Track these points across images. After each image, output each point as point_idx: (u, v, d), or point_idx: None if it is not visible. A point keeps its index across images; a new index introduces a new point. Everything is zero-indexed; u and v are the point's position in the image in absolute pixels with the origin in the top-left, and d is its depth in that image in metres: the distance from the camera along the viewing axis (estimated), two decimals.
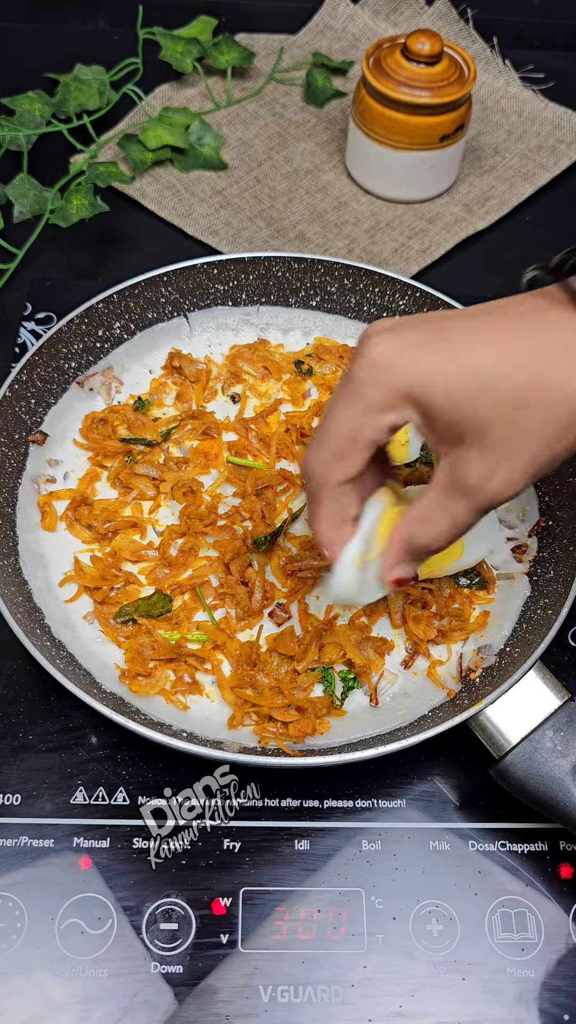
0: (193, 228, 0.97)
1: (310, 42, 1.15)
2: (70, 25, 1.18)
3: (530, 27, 1.21)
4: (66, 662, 0.64)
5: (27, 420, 0.75)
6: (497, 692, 0.61)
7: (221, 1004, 0.57)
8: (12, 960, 0.58)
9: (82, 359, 0.79)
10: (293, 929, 0.60)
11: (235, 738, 0.63)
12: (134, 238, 0.98)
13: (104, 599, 0.69)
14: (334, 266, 0.83)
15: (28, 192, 0.95)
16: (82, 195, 0.93)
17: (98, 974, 0.58)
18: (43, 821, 0.63)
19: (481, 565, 0.72)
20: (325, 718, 0.65)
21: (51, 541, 0.72)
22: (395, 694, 0.67)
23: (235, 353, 0.83)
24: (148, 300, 0.81)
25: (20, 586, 0.67)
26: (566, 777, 0.58)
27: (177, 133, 1.01)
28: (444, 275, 0.95)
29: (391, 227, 0.99)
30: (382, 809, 0.64)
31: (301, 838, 0.63)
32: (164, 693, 0.65)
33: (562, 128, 1.07)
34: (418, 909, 0.61)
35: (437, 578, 0.71)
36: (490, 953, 0.60)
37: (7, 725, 0.67)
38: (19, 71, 1.10)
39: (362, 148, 0.98)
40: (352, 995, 0.58)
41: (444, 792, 0.65)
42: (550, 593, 0.68)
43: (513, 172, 1.04)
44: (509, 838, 0.64)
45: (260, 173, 1.02)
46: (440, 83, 0.91)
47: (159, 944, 0.59)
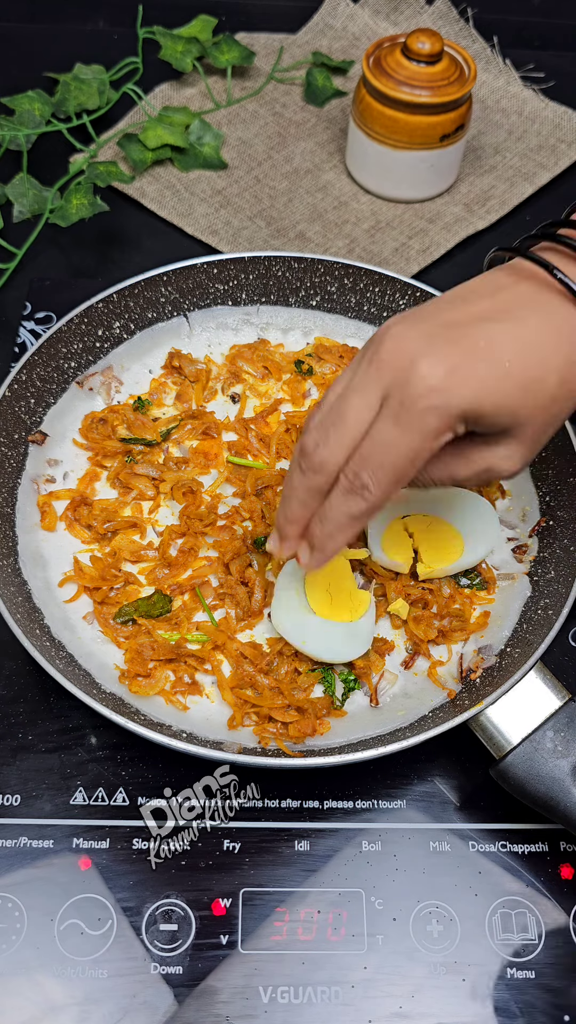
0: (193, 228, 0.97)
1: (310, 41, 1.15)
2: (70, 24, 1.18)
3: (530, 26, 1.21)
4: (66, 662, 0.64)
5: (27, 420, 0.75)
6: (497, 692, 0.61)
7: (221, 1005, 0.57)
8: (12, 961, 0.58)
9: (82, 359, 0.79)
10: (293, 930, 0.60)
11: (235, 739, 0.63)
12: (134, 238, 0.97)
13: (104, 599, 0.69)
14: (334, 266, 0.83)
15: (28, 192, 0.95)
16: (82, 195, 0.93)
17: (98, 975, 0.58)
18: (43, 822, 0.63)
19: (481, 565, 0.72)
20: (325, 719, 0.65)
21: (51, 541, 0.72)
22: (395, 694, 0.67)
23: (235, 353, 0.83)
24: (148, 300, 0.81)
25: (20, 586, 0.67)
26: (566, 778, 0.58)
27: (177, 132, 1.01)
28: (444, 275, 0.95)
29: (391, 227, 0.98)
30: (382, 810, 0.64)
31: (301, 839, 0.63)
32: (164, 694, 0.65)
33: (562, 128, 1.07)
34: (418, 910, 0.61)
35: (437, 578, 0.71)
36: (490, 954, 0.59)
37: (7, 725, 0.67)
38: (19, 70, 1.09)
39: (362, 147, 0.98)
40: (352, 996, 0.58)
41: (444, 793, 0.65)
42: (551, 593, 0.68)
43: (513, 172, 1.04)
44: (509, 839, 0.63)
45: (260, 172, 1.02)
46: (440, 82, 0.91)
47: (159, 945, 0.59)
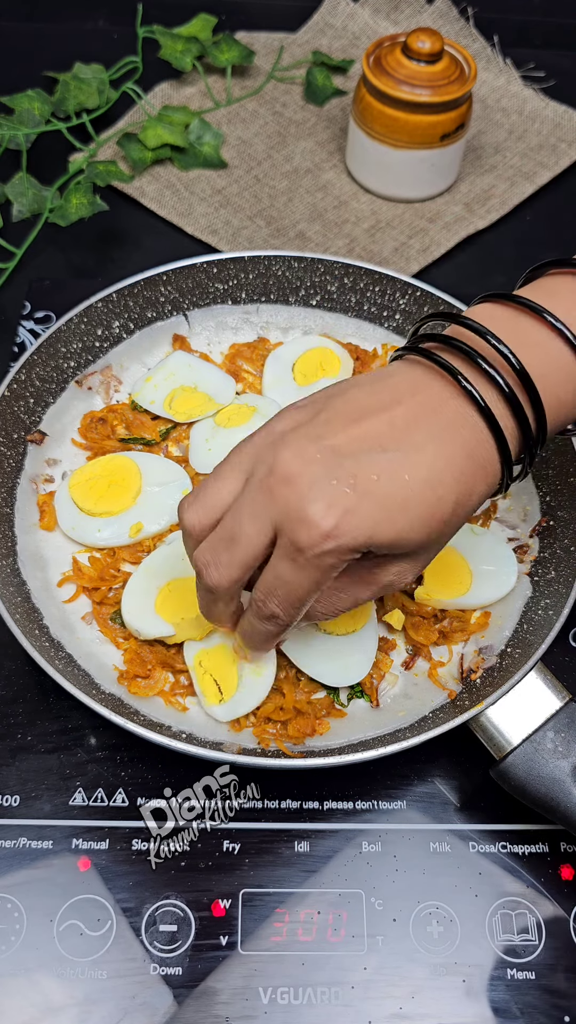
0: (193, 227, 0.97)
1: (310, 40, 1.14)
2: (69, 23, 1.17)
3: (531, 26, 1.20)
4: (65, 663, 0.64)
5: (26, 419, 0.75)
6: (498, 693, 0.61)
7: (221, 1006, 0.57)
8: (11, 962, 0.58)
9: (81, 358, 0.79)
10: (293, 931, 0.60)
11: (235, 739, 0.63)
12: (133, 237, 0.97)
13: (103, 600, 0.69)
14: (334, 265, 0.82)
15: (27, 191, 0.95)
16: (81, 194, 0.93)
17: (97, 976, 0.58)
18: (42, 822, 0.62)
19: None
20: (325, 719, 0.65)
21: (50, 541, 0.72)
22: (396, 695, 0.67)
23: (235, 352, 0.83)
24: (147, 299, 0.81)
25: (18, 586, 0.67)
26: (567, 778, 0.58)
27: (177, 132, 1.01)
28: (445, 274, 0.95)
29: (391, 226, 0.98)
30: (382, 810, 0.64)
31: (301, 840, 0.63)
32: (163, 694, 0.65)
33: (563, 127, 1.07)
34: (418, 911, 0.61)
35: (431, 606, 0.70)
36: (491, 955, 0.59)
37: (5, 726, 0.66)
38: (18, 70, 1.09)
39: (362, 147, 0.97)
40: (352, 997, 0.58)
41: (444, 793, 0.65)
42: (551, 594, 0.68)
43: (514, 171, 1.03)
44: (510, 839, 0.63)
45: (260, 172, 1.02)
46: (441, 82, 0.91)
47: (158, 946, 0.59)
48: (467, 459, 0.51)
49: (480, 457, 0.51)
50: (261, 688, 0.64)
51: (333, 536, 0.48)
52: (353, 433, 0.50)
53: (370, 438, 0.50)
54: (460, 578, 0.69)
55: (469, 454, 0.51)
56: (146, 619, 0.66)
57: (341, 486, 0.48)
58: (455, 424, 0.51)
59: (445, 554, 0.70)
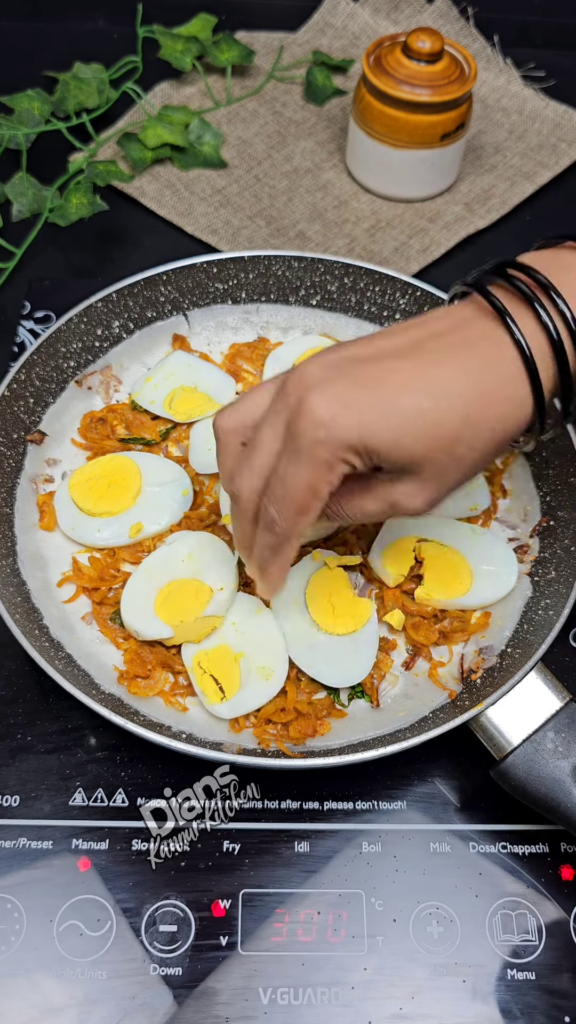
0: (193, 227, 0.97)
1: (310, 40, 1.14)
2: (69, 23, 1.17)
3: (531, 25, 1.20)
4: (65, 663, 0.64)
5: (25, 419, 0.75)
6: (498, 693, 0.61)
7: (221, 1006, 0.57)
8: (11, 962, 0.58)
9: (81, 358, 0.79)
10: (293, 931, 0.59)
11: (235, 739, 0.63)
12: (133, 237, 0.97)
13: (102, 600, 0.69)
14: (334, 265, 0.82)
15: (27, 191, 0.95)
16: (81, 194, 0.93)
17: (97, 976, 0.58)
18: (42, 823, 0.62)
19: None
20: (325, 719, 0.65)
21: (49, 541, 0.72)
22: (396, 695, 0.67)
23: (234, 351, 0.83)
24: (147, 299, 0.81)
25: (18, 586, 0.67)
26: (567, 779, 0.58)
27: (177, 131, 1.01)
28: (445, 274, 0.95)
29: (391, 226, 0.98)
30: (382, 811, 0.64)
31: (301, 840, 0.63)
32: (163, 695, 0.65)
33: (563, 127, 1.07)
34: (418, 911, 0.61)
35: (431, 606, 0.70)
36: (491, 955, 0.59)
37: (5, 726, 0.66)
38: (18, 69, 1.09)
39: (362, 146, 0.97)
40: (352, 997, 0.58)
41: (445, 793, 0.65)
42: (551, 594, 0.68)
43: (514, 171, 1.03)
44: (510, 840, 0.63)
45: (260, 172, 1.02)
46: (441, 81, 0.91)
47: (158, 946, 0.59)
48: (494, 385, 0.51)
49: (509, 390, 0.51)
50: (269, 688, 0.64)
51: (326, 425, 0.49)
52: (378, 344, 0.52)
53: (390, 349, 0.51)
54: (460, 578, 0.69)
55: (496, 382, 0.51)
56: (145, 620, 0.65)
57: (346, 384, 0.49)
58: (488, 358, 0.51)
59: (445, 554, 0.70)
